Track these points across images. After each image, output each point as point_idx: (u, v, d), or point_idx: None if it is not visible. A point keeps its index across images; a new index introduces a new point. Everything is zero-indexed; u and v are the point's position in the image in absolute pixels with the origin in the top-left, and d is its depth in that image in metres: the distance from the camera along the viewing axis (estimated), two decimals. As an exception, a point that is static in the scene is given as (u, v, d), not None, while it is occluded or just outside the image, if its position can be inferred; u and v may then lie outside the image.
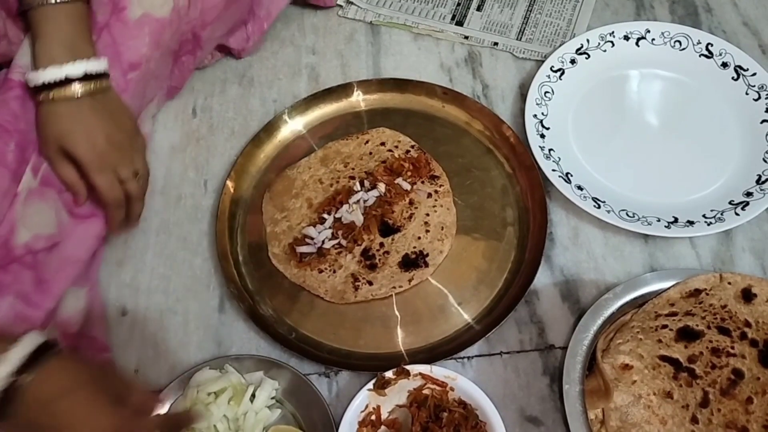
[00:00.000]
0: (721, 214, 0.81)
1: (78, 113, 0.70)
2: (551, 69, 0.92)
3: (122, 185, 0.74)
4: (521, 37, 1.00)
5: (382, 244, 0.82)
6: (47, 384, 0.53)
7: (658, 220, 0.81)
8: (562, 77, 0.92)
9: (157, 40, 0.78)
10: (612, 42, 0.95)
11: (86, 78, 0.70)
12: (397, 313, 0.79)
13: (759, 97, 0.89)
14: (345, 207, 0.83)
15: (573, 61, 0.94)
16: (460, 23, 1.01)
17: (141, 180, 0.77)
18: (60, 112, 0.70)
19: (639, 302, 0.74)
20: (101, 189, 0.73)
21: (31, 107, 0.71)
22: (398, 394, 0.71)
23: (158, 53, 0.79)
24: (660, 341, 0.70)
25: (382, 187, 0.84)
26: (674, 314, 0.71)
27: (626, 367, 0.70)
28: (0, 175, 0.68)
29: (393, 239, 0.83)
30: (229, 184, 0.86)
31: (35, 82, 0.69)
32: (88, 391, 0.54)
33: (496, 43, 0.99)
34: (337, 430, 0.68)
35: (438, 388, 0.71)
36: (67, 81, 0.69)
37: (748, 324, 0.70)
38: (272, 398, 0.72)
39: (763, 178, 0.83)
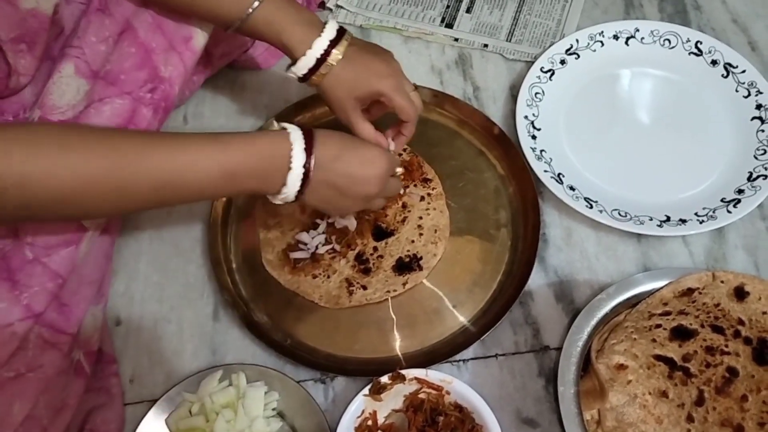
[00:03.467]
0: (713, 212, 0.81)
1: (352, 63, 0.72)
2: (541, 70, 0.93)
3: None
4: (511, 39, 1.00)
5: (375, 248, 0.82)
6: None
7: (651, 219, 0.81)
8: (552, 78, 0.93)
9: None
10: (601, 41, 0.95)
11: (337, 36, 0.71)
12: (392, 316, 0.79)
13: (749, 94, 0.90)
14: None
15: (563, 62, 0.94)
16: (449, 25, 1.01)
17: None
18: (338, 74, 0.72)
19: (632, 302, 0.74)
20: (405, 109, 0.73)
21: None
22: (394, 398, 0.71)
23: None
24: (654, 341, 0.71)
25: None
26: (668, 313, 0.71)
27: (621, 367, 0.70)
28: None
29: (386, 243, 0.82)
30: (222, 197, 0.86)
31: (306, 67, 0.71)
32: None
33: (486, 45, 0.99)
34: (333, 436, 0.68)
35: (434, 392, 0.71)
36: (326, 52, 0.71)
37: (741, 322, 0.70)
38: (273, 409, 0.72)
39: (754, 175, 0.84)
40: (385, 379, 0.70)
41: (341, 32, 0.72)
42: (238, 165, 0.62)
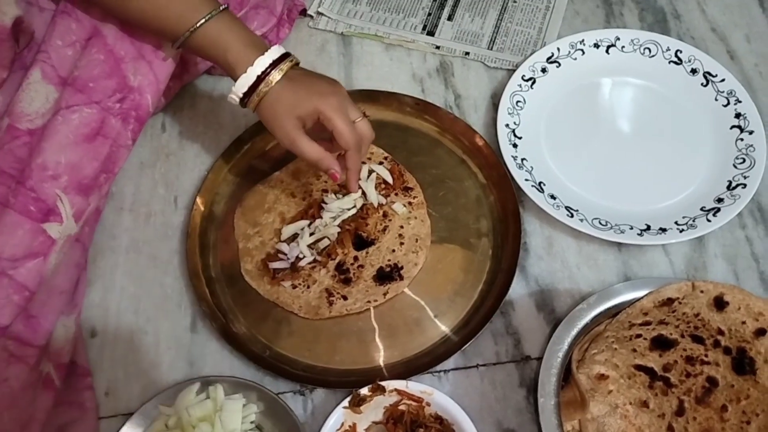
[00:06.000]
0: (693, 221, 0.81)
1: (292, 83, 0.71)
2: (522, 78, 0.92)
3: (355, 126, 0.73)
4: (492, 47, 1.00)
5: (356, 258, 0.81)
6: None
7: (631, 228, 0.81)
8: (533, 86, 0.92)
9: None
10: (582, 50, 0.95)
11: (281, 58, 0.71)
12: (373, 327, 0.78)
13: (728, 103, 0.90)
14: (318, 221, 0.82)
15: (544, 70, 0.94)
16: (431, 33, 1.01)
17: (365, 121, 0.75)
18: (278, 92, 0.70)
19: (613, 312, 0.74)
20: (343, 132, 0.71)
21: (37, 147, 0.70)
22: (374, 410, 0.71)
23: None
24: (635, 351, 0.70)
25: (359, 201, 0.84)
26: (648, 323, 0.71)
27: (602, 377, 0.69)
28: (16, 221, 0.68)
29: (367, 253, 0.82)
30: (200, 200, 0.85)
31: (247, 85, 0.70)
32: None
33: (467, 53, 0.99)
34: (312, 449, 0.67)
35: (414, 403, 0.70)
36: (268, 71, 0.70)
37: (720, 332, 0.70)
38: (251, 422, 0.71)
39: (733, 184, 0.84)
40: (364, 390, 0.70)
41: (286, 55, 0.72)
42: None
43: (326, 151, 0.73)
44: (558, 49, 0.95)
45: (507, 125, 0.88)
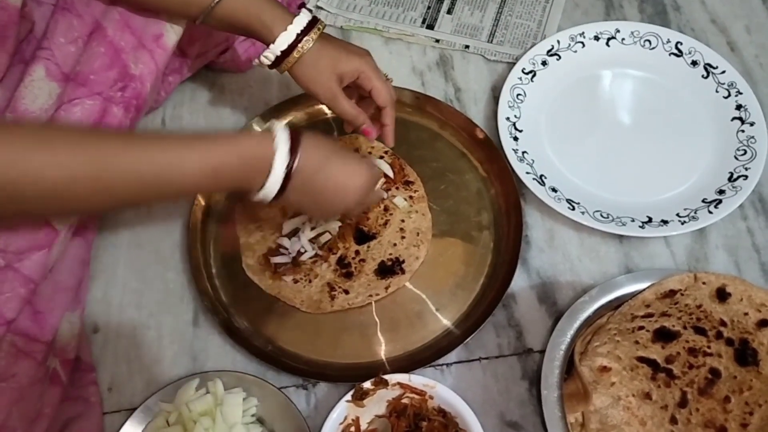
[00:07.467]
0: (695, 213, 0.81)
1: (330, 43, 0.74)
2: (522, 71, 0.92)
3: None
4: (492, 40, 1.00)
5: (357, 252, 0.81)
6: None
7: (632, 221, 0.81)
8: (533, 79, 0.92)
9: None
10: (582, 42, 0.95)
11: (314, 20, 0.73)
12: (375, 321, 0.78)
13: (729, 95, 0.90)
14: (319, 215, 0.82)
15: (544, 63, 0.94)
16: (430, 27, 1.01)
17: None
18: (319, 49, 0.72)
19: (615, 304, 0.74)
20: (382, 90, 0.75)
21: None
22: (377, 404, 0.71)
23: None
24: (637, 342, 0.70)
25: None
26: (650, 315, 0.71)
27: (604, 369, 0.70)
28: None
29: (369, 246, 0.82)
30: (200, 194, 0.85)
31: (287, 43, 0.71)
32: None
33: (467, 46, 0.99)
34: (315, 443, 0.67)
35: (417, 397, 0.70)
36: (306, 30, 0.72)
37: (723, 323, 0.70)
38: (252, 416, 0.71)
39: (734, 176, 0.84)
40: (367, 384, 0.70)
41: (318, 19, 0.74)
42: (221, 164, 0.62)
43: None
44: (558, 41, 0.95)
45: (507, 118, 0.88)
